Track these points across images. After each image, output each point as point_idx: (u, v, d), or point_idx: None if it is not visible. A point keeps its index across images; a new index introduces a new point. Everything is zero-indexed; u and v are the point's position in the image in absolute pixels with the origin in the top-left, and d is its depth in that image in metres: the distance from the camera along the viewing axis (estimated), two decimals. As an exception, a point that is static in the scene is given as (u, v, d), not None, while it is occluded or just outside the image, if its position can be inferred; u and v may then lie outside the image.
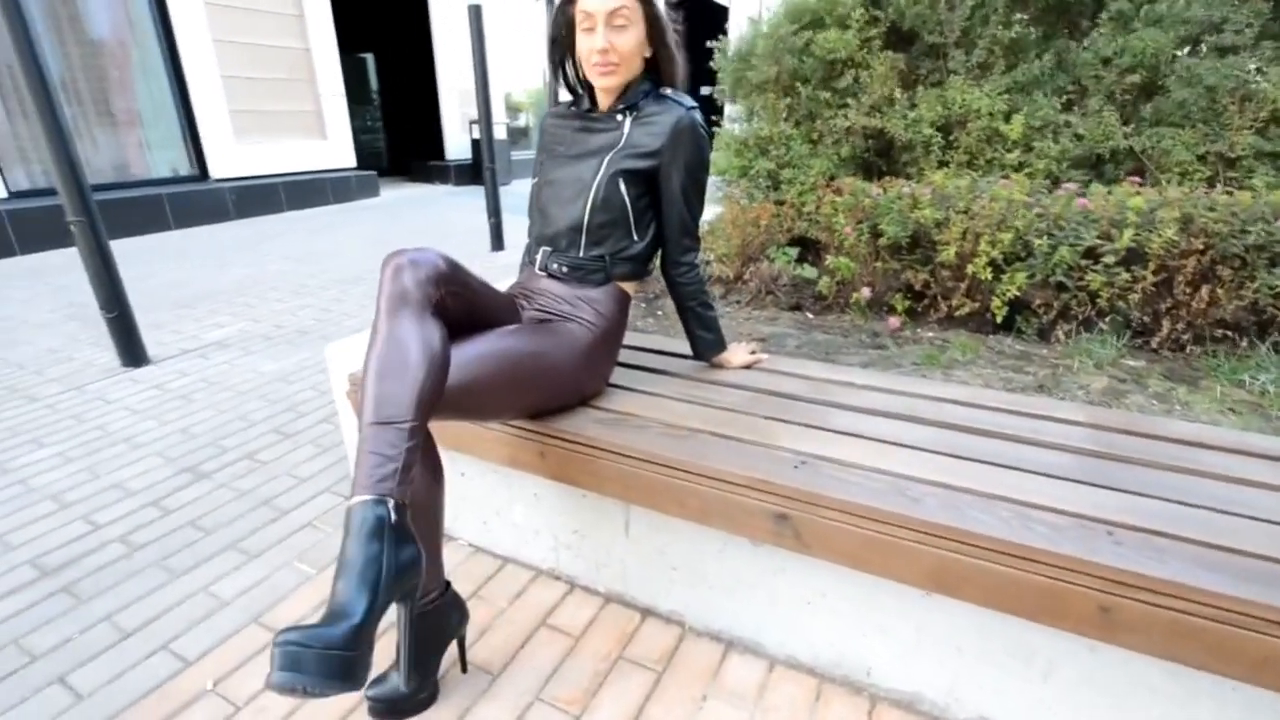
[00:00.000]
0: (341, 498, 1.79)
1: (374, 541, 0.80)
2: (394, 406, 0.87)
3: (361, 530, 0.80)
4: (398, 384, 0.88)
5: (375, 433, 0.86)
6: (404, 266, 0.94)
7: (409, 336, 0.91)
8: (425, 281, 0.94)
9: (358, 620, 0.75)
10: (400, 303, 0.93)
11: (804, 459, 1.10)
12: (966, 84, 2.27)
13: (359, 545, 0.79)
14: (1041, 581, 0.90)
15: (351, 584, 0.77)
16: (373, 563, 0.79)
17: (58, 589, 1.46)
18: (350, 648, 0.74)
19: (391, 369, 0.89)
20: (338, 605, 0.76)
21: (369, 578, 0.78)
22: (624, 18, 1.17)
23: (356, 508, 0.82)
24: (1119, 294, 1.66)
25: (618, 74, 1.21)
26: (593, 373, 1.28)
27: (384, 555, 0.80)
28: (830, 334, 1.83)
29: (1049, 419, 1.25)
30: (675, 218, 1.29)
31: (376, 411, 0.87)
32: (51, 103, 2.28)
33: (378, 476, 0.83)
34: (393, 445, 0.85)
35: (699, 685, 1.20)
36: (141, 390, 2.46)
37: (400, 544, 0.82)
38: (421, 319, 0.93)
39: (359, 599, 0.77)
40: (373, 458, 0.84)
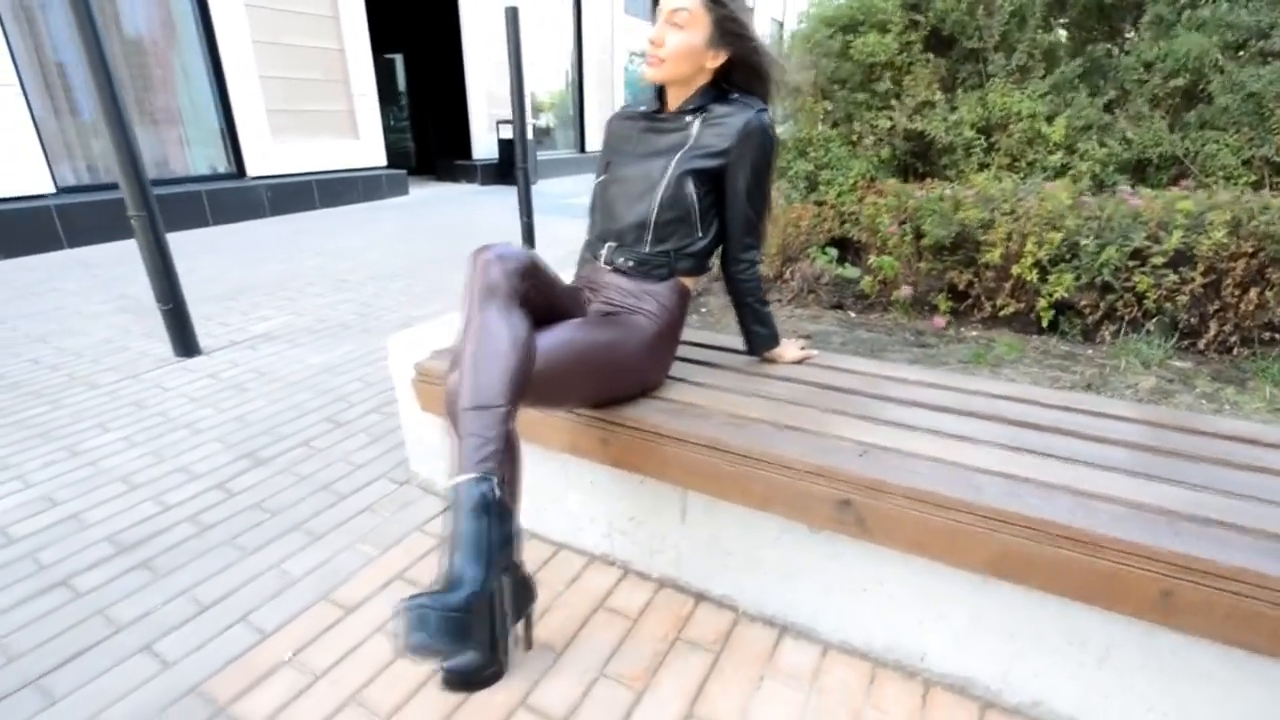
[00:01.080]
0: (396, 484, 1.85)
1: (481, 516, 0.87)
2: (489, 392, 0.93)
3: (469, 506, 0.87)
4: (492, 372, 0.94)
5: (474, 416, 0.92)
6: (493, 261, 1.00)
7: (499, 327, 0.98)
8: (512, 274, 1.00)
9: (475, 587, 0.83)
10: (490, 295, 0.99)
11: (866, 448, 1.13)
12: (1007, 87, 2.29)
13: (468, 520, 0.87)
14: (1104, 566, 0.93)
15: (465, 555, 0.85)
16: (482, 536, 0.86)
17: (136, 564, 1.54)
18: (467, 610, 0.82)
19: (485, 358, 0.95)
20: (454, 575, 0.84)
21: (480, 549, 0.86)
22: (682, 19, 1.22)
23: (463, 485, 0.89)
24: (1166, 295, 1.68)
25: (660, 69, 1.26)
26: (655, 364, 1.33)
27: (490, 528, 0.88)
28: (874, 332, 1.86)
29: (1102, 415, 1.27)
30: (739, 216, 1.33)
31: (474, 397, 0.94)
32: (117, 103, 2.38)
33: (480, 456, 0.90)
34: (490, 427, 0.92)
35: (755, 667, 1.25)
36: (196, 379, 2.55)
37: (503, 518, 0.90)
38: (509, 310, 0.99)
39: (473, 568, 0.85)
40: (474, 439, 0.91)
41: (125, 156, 2.45)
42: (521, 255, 1.03)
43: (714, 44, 1.25)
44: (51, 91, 4.91)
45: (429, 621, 0.80)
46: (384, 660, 1.26)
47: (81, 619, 1.37)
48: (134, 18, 5.28)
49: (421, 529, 1.66)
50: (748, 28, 1.27)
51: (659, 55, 1.24)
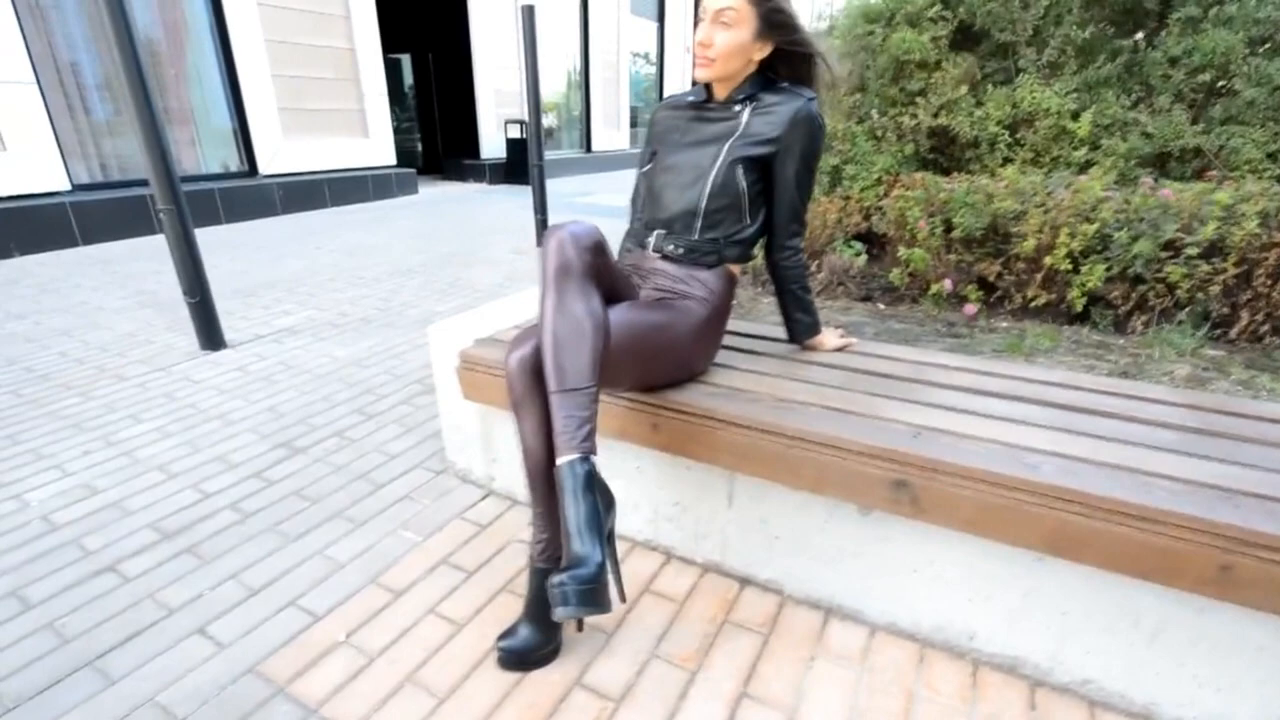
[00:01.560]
0: (433, 473, 1.86)
1: (589, 493, 0.98)
2: (578, 374, 0.99)
3: (577, 486, 0.98)
4: (577, 354, 0.99)
5: (564, 399, 0.98)
6: (567, 240, 1.03)
7: (579, 308, 1.01)
8: (585, 251, 1.03)
9: (599, 559, 0.97)
10: (565, 274, 1.02)
11: (919, 430, 1.15)
12: (1036, 83, 2.32)
13: (580, 499, 0.97)
14: (1162, 541, 0.95)
15: (585, 535, 0.97)
16: (594, 511, 0.98)
17: (181, 550, 1.55)
18: (596, 580, 0.96)
19: (569, 340, 1.00)
20: (578, 554, 0.97)
21: (594, 525, 0.97)
22: (729, 18, 1.23)
23: (566, 467, 0.98)
24: (1199, 285, 1.70)
25: (711, 69, 1.28)
26: (704, 348, 1.34)
27: (598, 503, 0.99)
28: (905, 323, 1.88)
29: (1145, 400, 1.29)
30: (786, 203, 1.35)
31: (562, 380, 0.99)
32: (147, 96, 2.40)
33: (579, 437, 0.98)
34: (582, 408, 0.98)
35: (805, 648, 1.26)
36: (224, 372, 2.57)
37: (604, 491, 1.02)
38: (585, 290, 1.03)
39: (594, 545, 0.97)
40: (569, 420, 0.98)
41: (155, 151, 2.47)
42: (593, 232, 1.06)
43: (760, 36, 1.27)
44: (66, 89, 4.93)
45: (570, 596, 0.94)
46: (439, 640, 1.27)
47: (133, 602, 1.39)
48: (148, 18, 5.30)
49: (462, 516, 1.67)
50: (794, 17, 1.29)
51: (709, 56, 1.26)
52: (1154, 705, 1.11)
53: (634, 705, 1.14)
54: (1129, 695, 1.12)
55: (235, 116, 5.84)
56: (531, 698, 1.15)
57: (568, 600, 0.95)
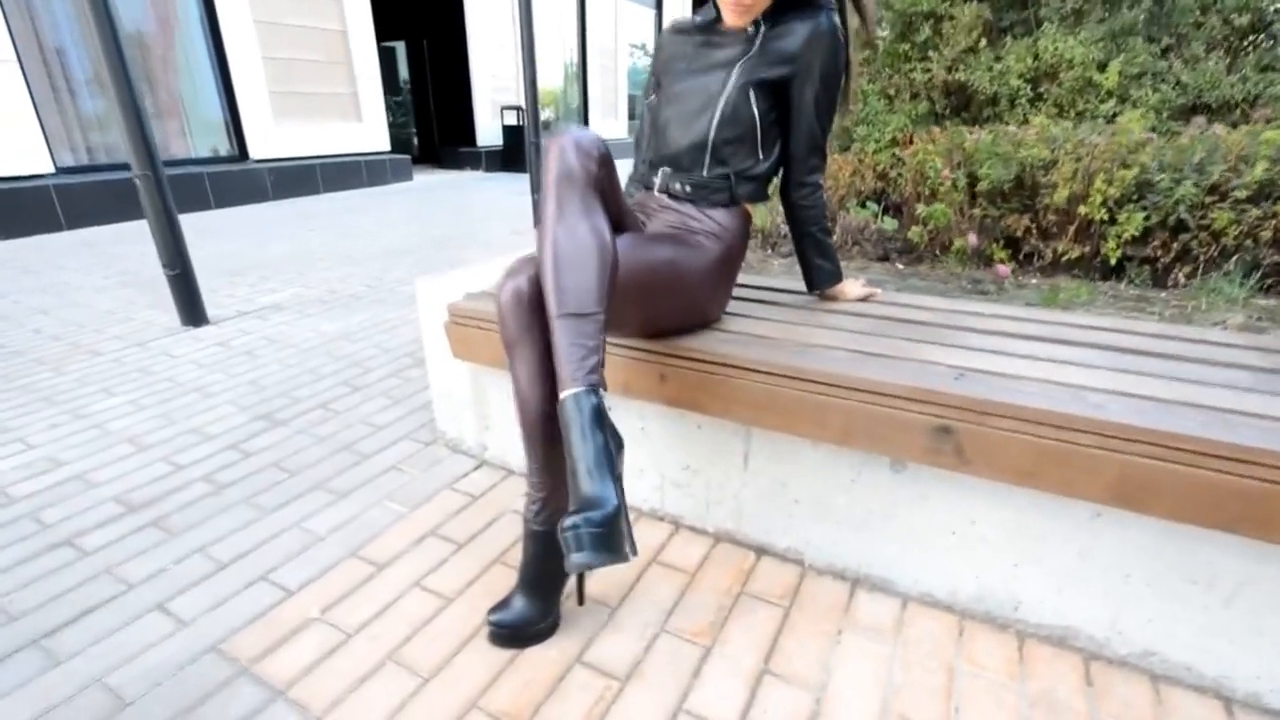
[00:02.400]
0: (422, 444, 1.74)
1: (598, 431, 0.84)
2: (582, 298, 0.86)
3: (584, 421, 0.84)
4: (582, 275, 0.86)
5: (570, 325, 0.85)
6: (567, 146, 0.91)
7: (583, 223, 0.89)
8: (590, 160, 0.91)
9: (614, 503, 0.83)
10: (568, 183, 0.90)
11: (962, 372, 1.03)
12: (1060, 32, 2.19)
13: (589, 436, 0.84)
14: (1250, 485, 0.82)
15: (594, 476, 0.83)
16: (604, 450, 0.84)
17: (146, 523, 1.43)
18: (611, 524, 0.82)
19: (572, 260, 0.87)
20: (590, 496, 0.82)
21: (605, 465, 0.84)
22: None
23: (571, 400, 0.84)
24: (1247, 232, 1.57)
25: (747, 15, 1.14)
26: (716, 291, 1.21)
27: (608, 441, 0.85)
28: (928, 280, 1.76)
29: (1206, 343, 1.17)
30: (804, 132, 1.22)
31: (563, 304, 0.86)
32: (121, 56, 2.26)
33: (586, 368, 0.85)
34: (589, 336, 0.86)
35: (831, 621, 1.14)
36: (205, 347, 2.44)
37: (614, 433, 0.87)
38: (589, 203, 0.90)
39: (606, 486, 0.83)
40: (575, 349, 0.85)
41: (130, 114, 2.33)
42: (597, 139, 0.93)
43: None
44: (51, 71, 4.79)
45: (585, 540, 0.81)
46: (425, 616, 1.15)
47: (89, 577, 1.26)
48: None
49: (452, 487, 1.55)
50: None
51: (746, 3, 1.12)
52: (1226, 679, 0.98)
53: (643, 683, 1.01)
54: (1198, 668, 1.00)
55: (224, 99, 5.70)
56: (527, 676, 1.03)
57: (582, 544, 0.80)
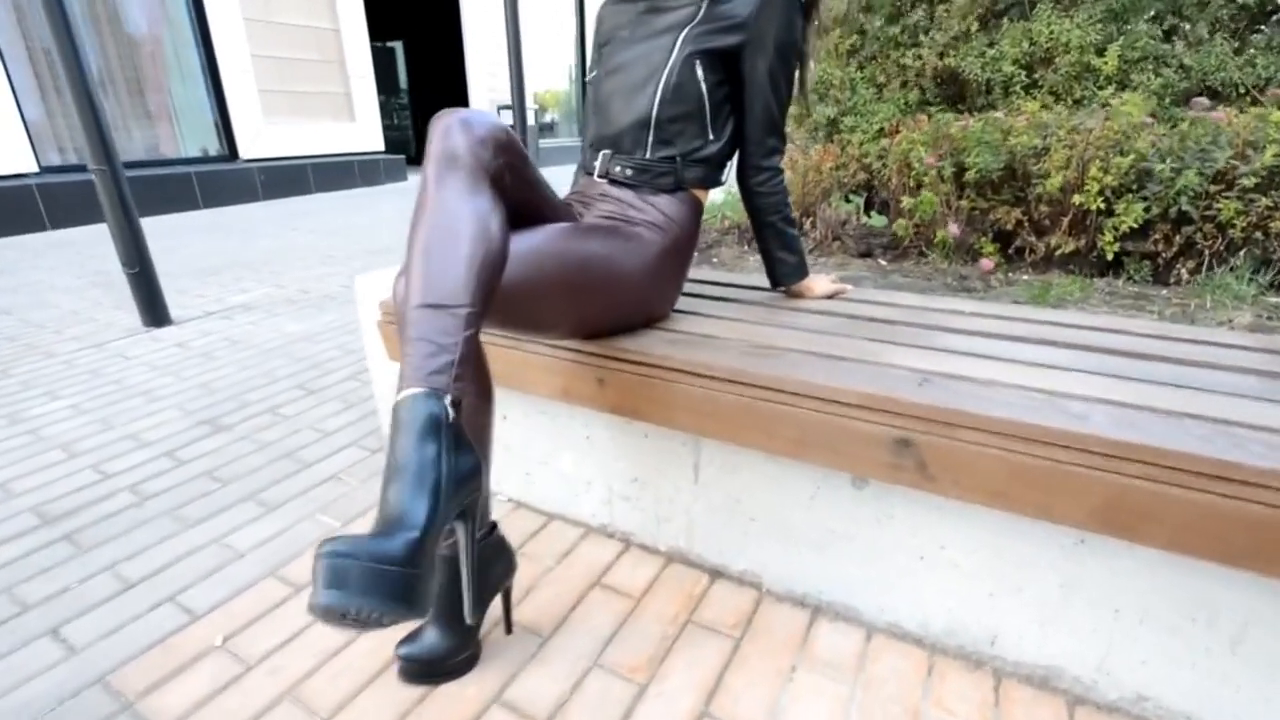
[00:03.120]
0: (368, 452, 1.63)
1: (429, 442, 0.65)
2: (446, 288, 0.71)
3: (414, 427, 0.65)
4: (450, 261, 0.72)
5: (424, 316, 0.70)
6: (454, 126, 0.77)
7: (461, 206, 0.75)
8: (480, 144, 0.77)
9: (419, 530, 0.60)
10: (449, 165, 0.77)
11: (927, 377, 0.90)
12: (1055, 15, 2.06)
13: (412, 445, 0.64)
14: (1257, 512, 0.70)
15: (407, 489, 0.63)
16: (430, 465, 0.64)
17: (59, 537, 1.32)
18: (411, 563, 0.58)
19: (442, 244, 0.73)
20: (392, 513, 0.61)
21: (427, 482, 0.63)
22: None
23: (406, 402, 0.67)
24: (1256, 224, 1.44)
25: None
26: (661, 287, 1.10)
27: (442, 458, 0.65)
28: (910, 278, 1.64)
29: (1209, 344, 1.04)
30: (759, 109, 1.10)
31: (425, 292, 0.71)
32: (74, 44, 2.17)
33: (430, 368, 0.68)
34: (446, 333, 0.69)
35: (785, 655, 1.02)
36: (162, 348, 2.34)
37: (459, 448, 0.67)
38: (475, 187, 0.77)
39: (417, 505, 0.62)
40: (423, 345, 0.68)
41: (85, 107, 2.25)
42: (493, 122, 0.80)
43: None
44: (37, 71, 4.73)
45: (348, 576, 0.56)
46: (335, 646, 1.04)
47: (-16, 598, 1.16)
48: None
49: (392, 498, 1.44)
50: None
51: None
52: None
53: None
54: (1198, 717, 0.87)
55: (213, 98, 5.63)
56: (436, 717, 0.91)
57: (342, 580, 0.56)
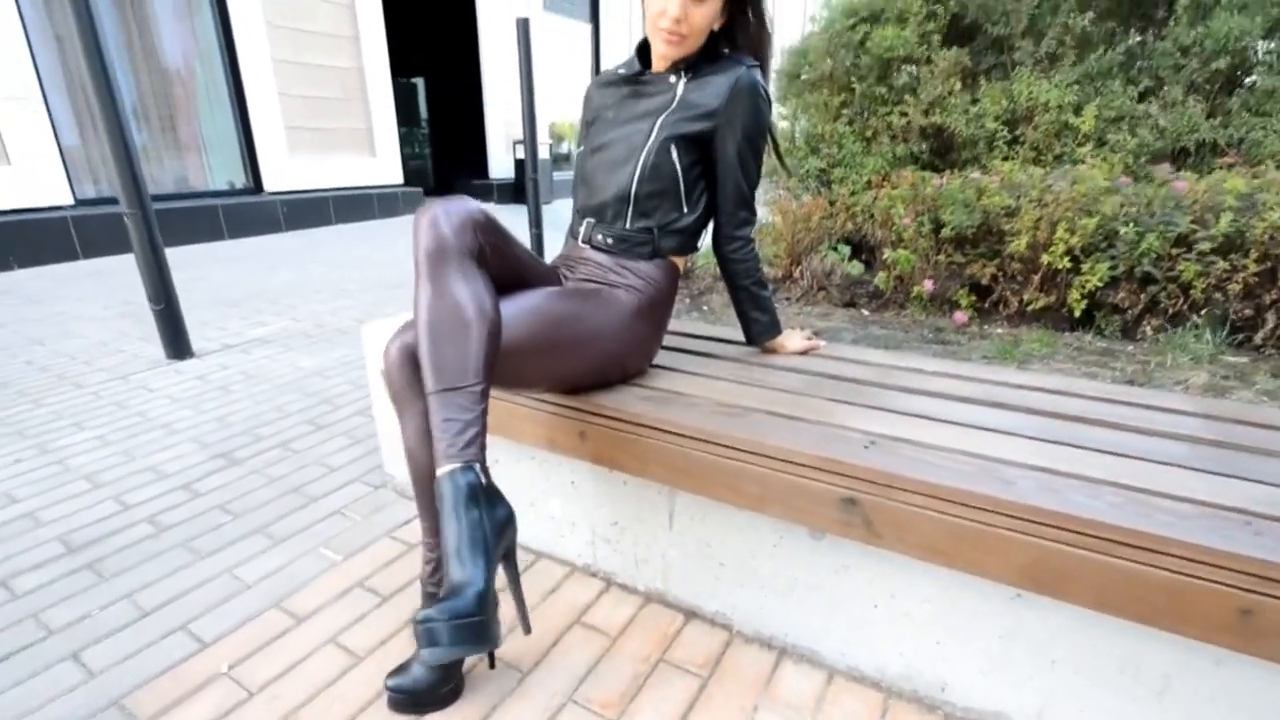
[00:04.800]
0: (371, 488, 1.72)
1: (472, 508, 0.82)
2: (458, 371, 0.85)
3: (458, 499, 0.82)
4: (458, 346, 0.85)
5: (444, 400, 0.84)
6: (439, 217, 0.89)
7: (459, 292, 0.87)
8: (463, 229, 0.89)
9: (480, 587, 0.80)
10: (440, 257, 0.88)
11: (874, 439, 0.98)
12: (1034, 76, 2.16)
13: (461, 514, 0.82)
14: (1165, 577, 0.77)
15: (465, 555, 0.81)
16: (477, 528, 0.82)
17: (81, 566, 1.42)
18: (478, 613, 0.79)
19: (447, 331, 0.86)
20: (458, 579, 0.81)
21: (479, 545, 0.82)
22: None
23: (446, 478, 0.83)
24: (1216, 285, 1.51)
25: (682, 46, 1.13)
26: (638, 344, 1.19)
27: (484, 519, 0.83)
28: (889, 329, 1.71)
29: (1152, 408, 1.11)
30: (730, 187, 1.20)
31: (440, 379, 0.85)
32: (112, 93, 2.34)
33: (460, 444, 0.83)
34: (465, 409, 0.84)
35: (749, 695, 1.08)
36: (183, 381, 2.47)
37: (493, 504, 0.85)
38: (465, 272, 0.88)
39: (475, 568, 0.81)
40: (450, 425, 0.83)
41: (120, 153, 2.41)
42: (472, 208, 0.91)
43: (725, 9, 1.14)
44: (75, 105, 4.99)
45: (440, 635, 0.78)
46: (330, 675, 1.12)
47: (14, 622, 1.26)
48: (157, 33, 5.39)
49: (391, 534, 1.53)
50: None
51: (681, 33, 1.10)
52: (1166, 779, 0.90)
53: (535, 760, 0.97)
54: (1133, 764, 0.92)
55: (241, 135, 5.88)
56: (419, 747, 0.99)
57: (435, 640, 0.78)
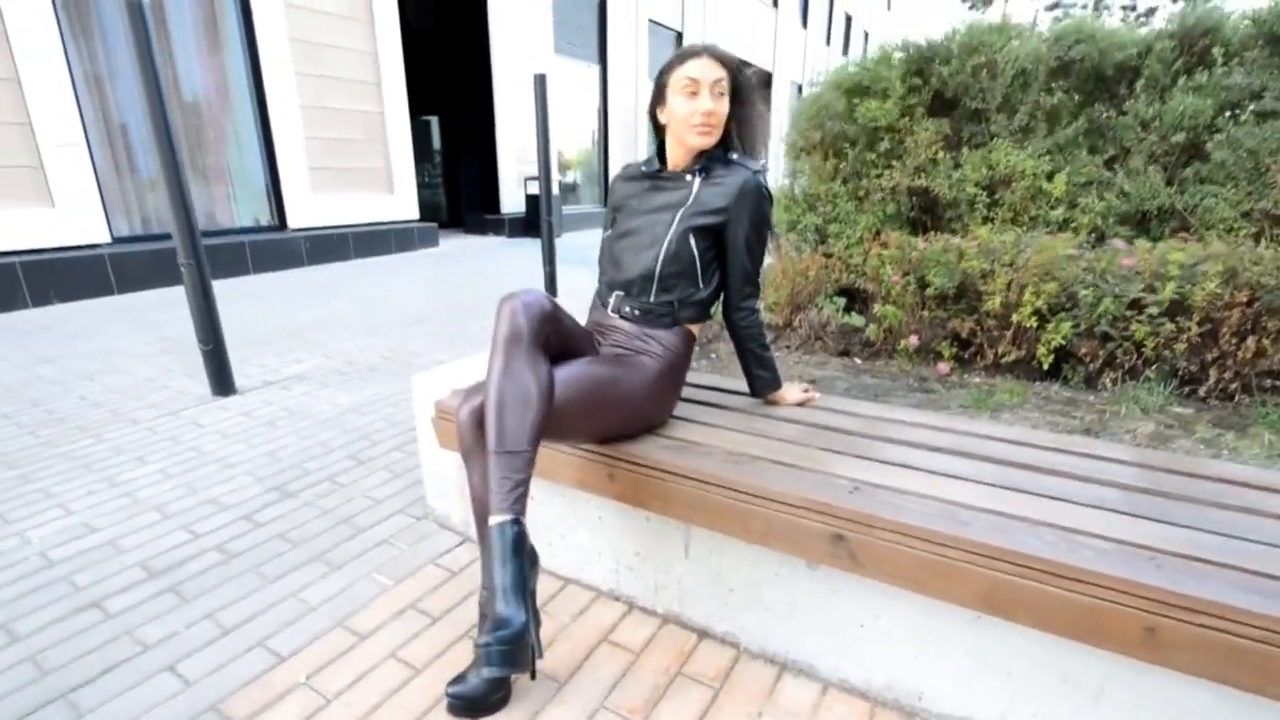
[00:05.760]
0: (414, 519, 1.91)
1: (516, 556, 1.05)
2: (517, 438, 1.07)
3: (507, 547, 1.05)
4: (520, 418, 1.07)
5: (503, 461, 1.06)
6: (518, 309, 1.11)
7: (526, 374, 1.09)
8: (535, 320, 1.11)
9: (522, 622, 1.04)
10: (515, 341, 1.10)
11: (858, 485, 1.18)
12: (1009, 146, 2.40)
13: (508, 560, 1.05)
14: (1087, 601, 0.96)
15: (510, 598, 1.04)
16: (519, 574, 1.05)
17: (164, 589, 1.61)
18: (518, 641, 1.04)
19: (513, 404, 1.08)
20: (503, 616, 1.04)
21: (519, 587, 1.04)
22: (723, 87, 1.34)
23: (496, 529, 1.05)
24: (1164, 344, 1.71)
25: (713, 135, 1.37)
26: (660, 402, 1.40)
27: (524, 565, 1.06)
28: (879, 378, 1.92)
29: (1096, 457, 1.30)
30: (739, 267, 1.42)
31: (502, 442, 1.07)
32: (175, 160, 2.59)
33: (512, 499, 1.05)
34: (518, 471, 1.06)
35: (754, 703, 1.26)
36: (231, 417, 2.67)
37: (532, 554, 1.10)
38: (534, 357, 1.11)
39: (518, 608, 1.04)
40: (505, 482, 1.05)
41: (179, 209, 2.65)
42: (544, 302, 1.14)
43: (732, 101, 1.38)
44: (114, 149, 5.28)
45: (494, 657, 1.03)
46: (395, 685, 1.30)
47: (112, 638, 1.44)
48: (193, 83, 5.71)
49: (435, 562, 1.71)
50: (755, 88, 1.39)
51: (712, 124, 1.34)
52: (1106, 773, 1.08)
53: (575, 756, 1.15)
54: (1078, 761, 1.10)
55: (269, 175, 6.19)
56: (477, 745, 1.17)
57: (492, 661, 1.04)
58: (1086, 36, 2.45)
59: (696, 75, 1.32)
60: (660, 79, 1.38)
